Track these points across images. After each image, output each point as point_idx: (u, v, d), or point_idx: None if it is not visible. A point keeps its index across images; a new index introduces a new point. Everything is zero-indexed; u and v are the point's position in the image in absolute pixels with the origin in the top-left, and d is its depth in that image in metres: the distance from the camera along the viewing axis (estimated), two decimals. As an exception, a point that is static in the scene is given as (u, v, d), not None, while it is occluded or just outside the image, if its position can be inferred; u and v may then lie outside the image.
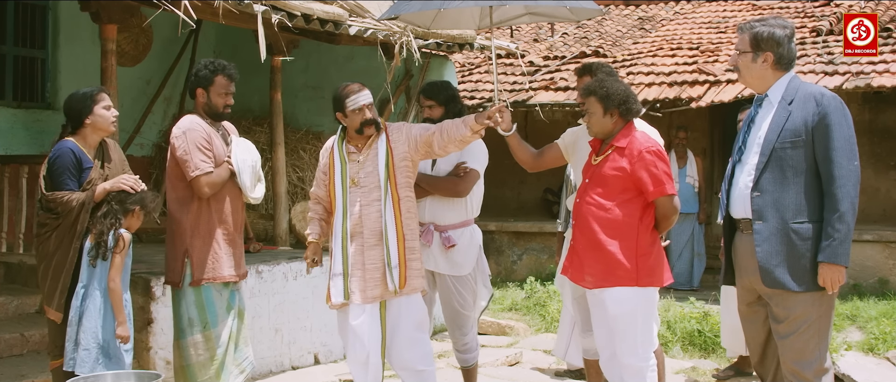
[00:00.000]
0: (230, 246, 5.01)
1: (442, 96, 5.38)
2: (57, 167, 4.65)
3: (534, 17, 5.72)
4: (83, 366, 4.52)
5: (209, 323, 4.90)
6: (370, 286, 4.74)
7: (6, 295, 6.50)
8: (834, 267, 3.99)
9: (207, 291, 4.90)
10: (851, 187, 3.99)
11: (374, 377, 4.77)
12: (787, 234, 4.04)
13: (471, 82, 11.83)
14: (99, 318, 4.56)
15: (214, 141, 4.92)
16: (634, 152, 4.41)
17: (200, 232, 4.90)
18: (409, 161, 4.82)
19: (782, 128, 4.07)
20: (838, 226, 3.97)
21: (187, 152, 4.81)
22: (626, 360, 4.48)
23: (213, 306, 4.91)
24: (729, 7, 13.75)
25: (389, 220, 4.72)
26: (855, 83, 9.28)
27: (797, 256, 4.04)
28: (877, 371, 6.63)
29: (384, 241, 4.71)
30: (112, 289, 4.60)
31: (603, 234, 4.43)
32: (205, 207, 4.91)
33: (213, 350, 4.90)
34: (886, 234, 9.54)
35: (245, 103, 9.31)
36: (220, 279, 4.93)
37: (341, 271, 4.78)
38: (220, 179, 4.89)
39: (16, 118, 8.19)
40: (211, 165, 4.85)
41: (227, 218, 4.99)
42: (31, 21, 8.49)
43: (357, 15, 7.40)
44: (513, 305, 9.11)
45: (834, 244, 3.98)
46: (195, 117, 4.96)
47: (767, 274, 4.09)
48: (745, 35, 4.21)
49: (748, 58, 4.21)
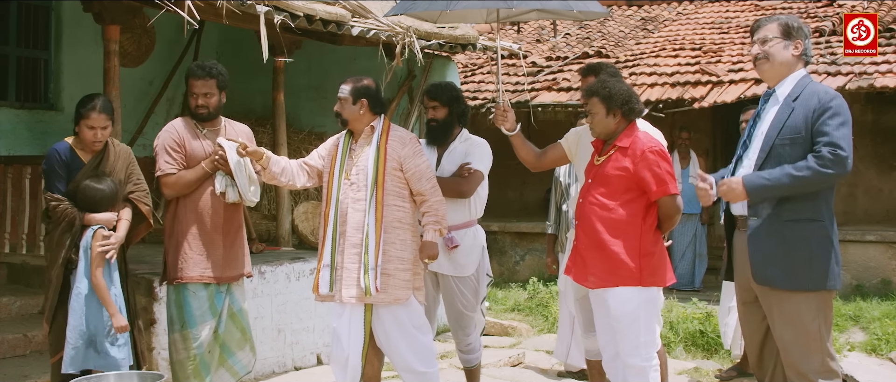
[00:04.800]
0: (204, 247, 5.02)
1: (445, 97, 5.39)
2: (44, 169, 4.79)
3: (541, 14, 5.74)
4: (73, 364, 4.57)
5: (186, 323, 4.97)
6: (346, 285, 4.75)
7: (9, 296, 6.52)
8: (740, 188, 4.02)
9: (184, 291, 4.98)
10: (827, 174, 3.91)
11: (353, 377, 4.81)
12: (780, 231, 4.03)
13: (473, 83, 11.85)
14: (82, 314, 4.59)
15: (191, 143, 5.00)
16: (637, 151, 4.42)
17: (174, 233, 5.03)
18: (400, 173, 4.83)
19: (783, 125, 4.06)
20: (784, 176, 3.93)
21: (156, 153, 4.99)
22: (628, 360, 4.48)
23: (189, 306, 4.97)
24: (732, 8, 13.75)
25: (371, 222, 4.72)
26: (858, 84, 9.29)
27: (790, 254, 4.02)
28: (880, 371, 6.63)
29: (364, 242, 4.71)
30: (95, 284, 4.63)
31: (606, 234, 4.44)
32: (180, 208, 5.03)
33: (190, 349, 4.96)
34: (889, 235, 9.54)
35: (248, 104, 9.32)
36: (187, 279, 4.97)
37: (329, 262, 4.81)
38: (185, 180, 4.96)
39: (19, 119, 8.20)
40: (174, 167, 4.95)
41: (203, 218, 5.02)
42: (34, 22, 8.49)
43: (359, 16, 7.40)
44: (515, 305, 9.13)
45: (764, 178, 3.98)
46: (178, 120, 5.12)
47: (759, 271, 4.08)
48: (773, 24, 4.18)
49: (780, 44, 4.16)
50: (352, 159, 4.86)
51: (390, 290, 4.74)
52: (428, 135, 5.49)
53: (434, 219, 4.83)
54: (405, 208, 4.84)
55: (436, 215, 4.84)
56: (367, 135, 4.87)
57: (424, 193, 4.82)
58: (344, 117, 4.89)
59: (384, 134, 4.86)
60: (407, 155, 4.81)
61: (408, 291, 4.81)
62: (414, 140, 4.92)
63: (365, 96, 4.84)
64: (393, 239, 4.77)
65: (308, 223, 7.97)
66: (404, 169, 4.80)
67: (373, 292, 4.67)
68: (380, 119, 4.91)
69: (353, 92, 4.85)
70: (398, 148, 4.82)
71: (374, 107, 4.88)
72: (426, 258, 4.82)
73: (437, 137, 5.42)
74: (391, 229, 4.77)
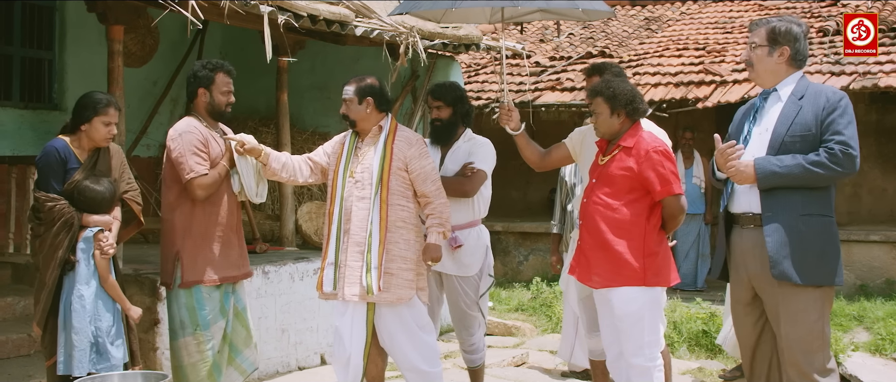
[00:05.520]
0: (224, 248, 4.97)
1: (450, 97, 5.40)
2: (41, 166, 4.71)
3: (545, 15, 5.73)
4: (81, 367, 4.54)
5: (200, 326, 4.88)
6: (349, 283, 4.75)
7: (13, 296, 6.54)
8: (750, 171, 4.03)
9: (198, 293, 4.88)
10: (837, 171, 3.94)
11: (354, 378, 4.81)
12: (795, 227, 4.03)
13: (477, 83, 11.85)
14: (86, 316, 4.57)
15: (211, 143, 4.91)
16: (641, 151, 4.43)
17: (192, 234, 4.88)
18: (405, 173, 4.83)
19: (792, 122, 4.06)
20: (796, 166, 3.96)
21: (182, 155, 4.79)
22: (632, 360, 4.48)
23: (203, 308, 4.88)
24: (735, 7, 13.75)
25: (375, 221, 4.72)
26: (862, 83, 9.29)
27: (803, 249, 4.02)
28: (884, 371, 6.63)
29: (367, 241, 4.72)
30: (110, 284, 4.64)
31: (610, 233, 4.44)
32: (198, 208, 4.89)
33: (204, 352, 4.89)
34: (894, 235, 9.55)
35: (251, 104, 9.33)
36: (209, 282, 4.90)
37: (333, 260, 4.81)
38: (215, 180, 4.87)
39: (23, 119, 8.22)
40: (206, 167, 4.83)
41: (222, 219, 4.96)
42: (38, 22, 8.51)
43: (363, 16, 7.41)
44: (519, 305, 9.14)
45: (776, 165, 3.99)
46: (192, 120, 4.95)
47: (776, 265, 4.05)
48: (762, 29, 4.19)
49: (764, 51, 4.18)
50: (357, 157, 4.87)
51: (393, 289, 4.74)
52: (432, 134, 5.50)
53: (438, 221, 4.83)
54: (409, 208, 4.84)
55: (439, 218, 4.83)
56: (375, 134, 4.87)
57: (429, 194, 4.83)
58: (351, 118, 4.88)
59: (391, 134, 4.86)
60: (413, 156, 4.82)
61: (411, 290, 4.81)
62: (421, 141, 4.93)
63: (370, 95, 4.84)
64: (397, 239, 4.78)
65: (312, 223, 7.98)
66: (410, 170, 4.81)
67: (375, 291, 4.68)
68: (387, 118, 4.91)
69: (357, 92, 4.84)
70: (405, 148, 4.82)
71: (379, 105, 4.87)
72: (429, 261, 4.83)
73: (441, 137, 5.43)
74: (395, 228, 4.77)
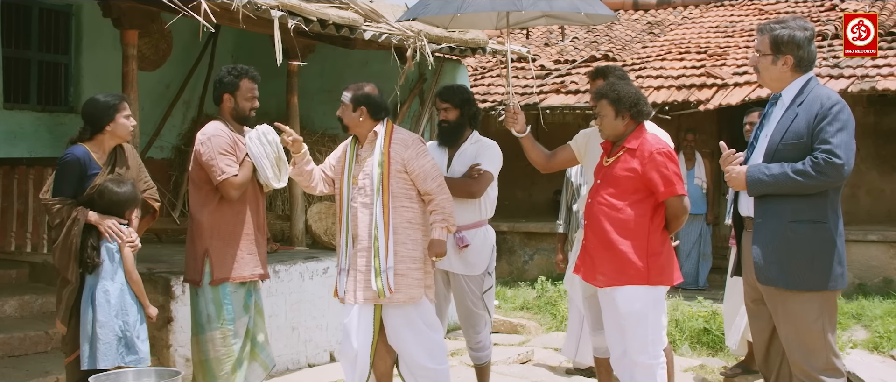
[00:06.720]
0: (251, 246, 5.10)
1: (457, 99, 5.46)
2: (60, 171, 4.78)
3: (550, 20, 5.78)
4: (106, 359, 4.62)
5: (226, 320, 5.00)
6: (361, 287, 4.83)
7: (31, 294, 6.63)
8: (741, 177, 4.10)
9: (224, 289, 5.00)
10: (821, 180, 3.93)
11: (361, 375, 4.87)
12: (784, 233, 4.03)
13: (483, 86, 11.92)
14: (111, 310, 4.65)
15: (238, 145, 5.03)
16: (645, 153, 4.47)
17: (220, 233, 5.00)
18: (405, 175, 4.89)
19: (787, 129, 4.07)
20: (782, 175, 3.98)
21: (212, 157, 4.91)
22: (636, 358, 4.53)
23: (230, 304, 5.01)
24: (736, 11, 13.78)
25: (379, 224, 4.78)
26: (860, 86, 9.30)
27: (792, 254, 4.02)
28: (882, 368, 6.66)
29: (373, 245, 4.78)
30: (134, 280, 4.75)
31: (614, 233, 4.49)
32: (226, 208, 5.01)
33: (230, 346, 5.01)
34: (891, 234, 9.59)
35: (262, 107, 9.23)
36: (238, 278, 5.03)
37: (345, 266, 4.90)
38: (245, 179, 4.99)
39: (40, 122, 8.33)
40: (235, 168, 4.95)
41: (248, 218, 5.09)
42: (54, 27, 8.61)
43: (372, 20, 7.48)
44: (524, 304, 9.19)
45: (764, 173, 4.03)
46: (219, 124, 5.08)
47: (761, 271, 4.09)
48: (766, 37, 4.18)
49: (768, 60, 4.18)
50: (359, 164, 4.94)
51: (404, 289, 4.81)
52: (439, 136, 5.56)
53: (441, 217, 4.88)
54: (414, 209, 4.91)
55: (443, 213, 4.88)
56: (372, 140, 4.92)
57: (431, 192, 4.88)
58: (345, 123, 4.97)
59: (387, 138, 4.90)
60: (410, 157, 4.87)
61: (421, 289, 4.88)
62: (417, 142, 4.97)
63: (364, 104, 4.89)
64: (404, 240, 4.85)
65: (321, 223, 8.07)
66: (409, 171, 4.86)
67: (386, 293, 4.75)
68: (382, 124, 4.95)
69: (352, 99, 4.91)
70: (401, 151, 4.88)
71: (373, 113, 4.91)
72: (434, 256, 4.89)
73: (449, 139, 5.50)
74: (401, 230, 4.84)
